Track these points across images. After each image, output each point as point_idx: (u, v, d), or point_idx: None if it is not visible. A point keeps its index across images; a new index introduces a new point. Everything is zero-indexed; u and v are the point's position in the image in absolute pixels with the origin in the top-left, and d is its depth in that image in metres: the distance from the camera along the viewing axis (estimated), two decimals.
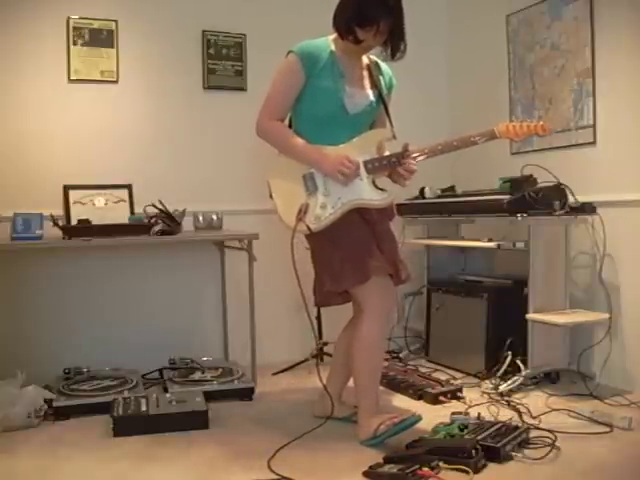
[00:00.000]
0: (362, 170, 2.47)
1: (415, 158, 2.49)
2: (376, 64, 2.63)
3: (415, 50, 2.53)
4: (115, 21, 3.50)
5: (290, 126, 2.59)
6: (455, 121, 4.23)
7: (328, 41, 2.53)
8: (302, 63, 2.44)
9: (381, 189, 2.50)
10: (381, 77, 2.62)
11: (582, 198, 3.14)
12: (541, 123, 2.52)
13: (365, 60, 2.60)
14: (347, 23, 2.40)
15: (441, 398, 2.95)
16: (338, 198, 2.45)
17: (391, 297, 2.58)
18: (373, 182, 2.49)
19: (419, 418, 2.45)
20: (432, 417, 2.59)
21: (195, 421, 2.64)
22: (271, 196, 2.53)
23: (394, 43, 2.45)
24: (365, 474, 2.15)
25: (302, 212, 2.43)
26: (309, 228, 2.44)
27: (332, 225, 2.45)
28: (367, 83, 2.58)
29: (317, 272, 2.60)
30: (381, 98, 2.60)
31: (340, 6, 2.45)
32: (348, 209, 2.46)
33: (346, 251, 2.46)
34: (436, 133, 4.01)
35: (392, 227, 2.70)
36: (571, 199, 3.12)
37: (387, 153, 2.55)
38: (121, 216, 3.34)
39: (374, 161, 2.48)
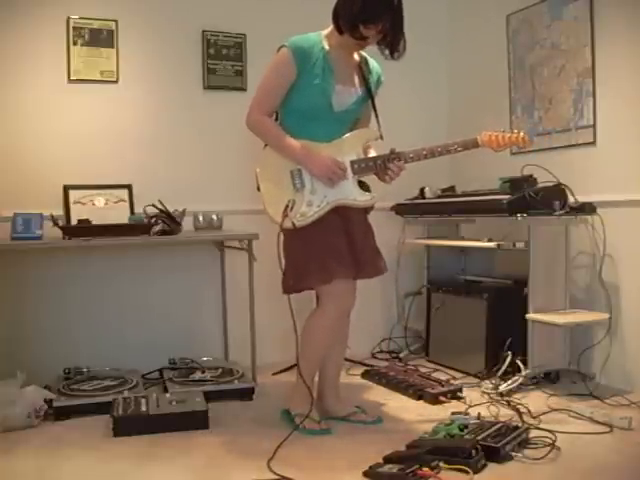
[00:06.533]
0: (348, 170, 2.51)
1: (400, 162, 2.52)
2: (365, 61, 2.63)
3: (415, 50, 2.53)
4: (115, 21, 3.50)
5: (277, 118, 2.61)
6: (454, 121, 4.23)
7: (321, 36, 2.53)
8: (294, 58, 2.45)
9: (365, 190, 2.56)
10: (370, 75, 2.62)
11: (582, 198, 3.14)
12: (522, 135, 2.54)
13: (356, 57, 2.60)
14: (351, 20, 2.40)
15: (441, 398, 2.95)
16: (324, 196, 2.50)
17: (350, 299, 2.63)
18: (358, 182, 2.55)
19: (329, 431, 2.54)
20: (432, 417, 2.59)
21: (195, 421, 2.64)
22: (259, 188, 2.56)
23: (395, 41, 2.46)
24: (365, 474, 2.15)
25: (289, 208, 2.47)
26: (294, 225, 2.48)
27: (308, 224, 2.49)
28: (356, 80, 2.59)
29: (285, 265, 2.60)
30: (369, 96, 2.61)
31: (343, 3, 2.44)
32: (332, 207, 2.51)
33: (314, 252, 2.50)
34: (435, 133, 4.02)
35: (369, 220, 2.72)
36: (571, 199, 3.12)
37: (373, 153, 2.59)
38: (121, 216, 3.33)
39: (360, 162, 2.53)
